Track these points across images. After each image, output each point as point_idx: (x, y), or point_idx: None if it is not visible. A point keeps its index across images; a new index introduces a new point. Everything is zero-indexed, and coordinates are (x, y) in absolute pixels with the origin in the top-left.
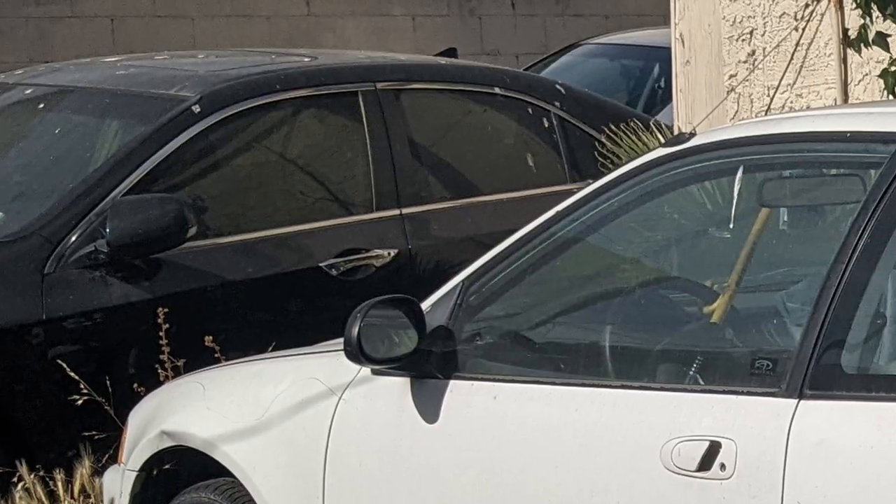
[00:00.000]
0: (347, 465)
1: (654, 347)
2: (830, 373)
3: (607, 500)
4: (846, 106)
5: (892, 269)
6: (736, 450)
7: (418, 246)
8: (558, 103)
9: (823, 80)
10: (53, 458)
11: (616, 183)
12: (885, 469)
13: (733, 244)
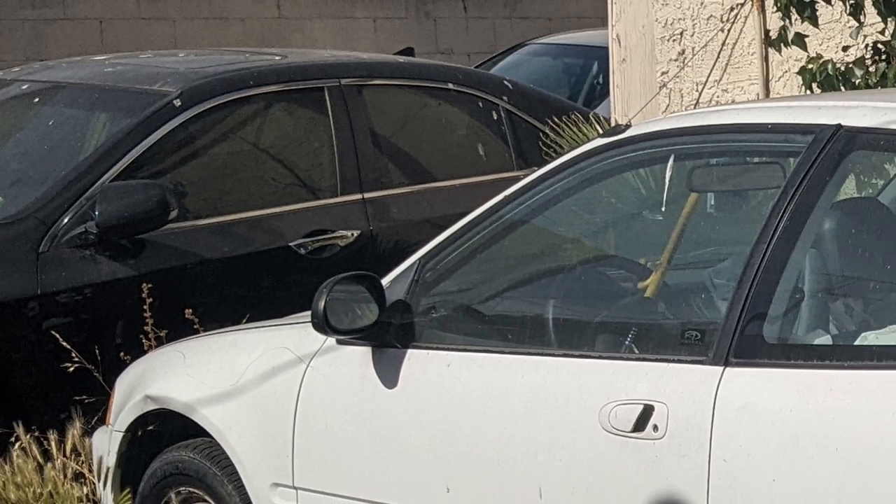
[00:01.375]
0: (314, 426)
1: (593, 319)
2: (753, 343)
3: (551, 458)
4: (768, 100)
5: (809, 249)
6: (668, 412)
7: (379, 227)
8: (506, 98)
9: (747, 77)
10: (47, 420)
11: (558, 170)
12: (802, 430)
13: (665, 226)
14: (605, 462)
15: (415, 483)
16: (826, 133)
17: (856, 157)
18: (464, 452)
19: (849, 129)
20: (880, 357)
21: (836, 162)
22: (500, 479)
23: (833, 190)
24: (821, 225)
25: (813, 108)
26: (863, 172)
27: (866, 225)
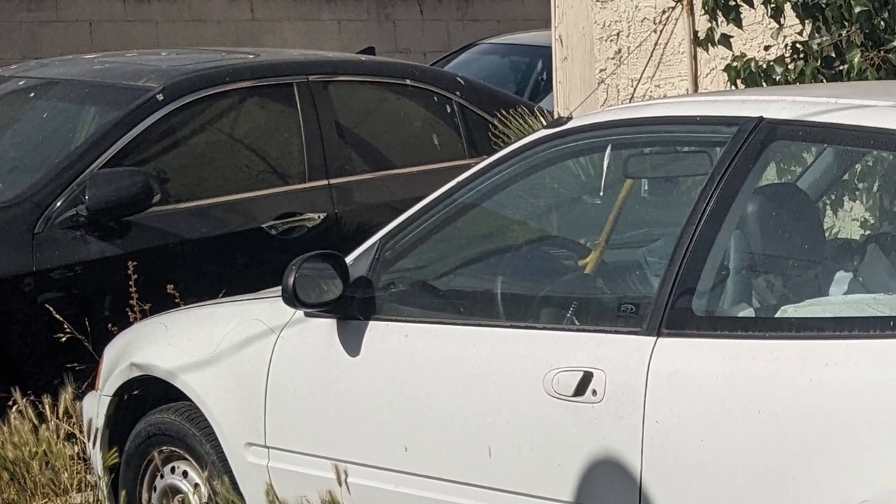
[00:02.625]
0: (284, 390)
1: (537, 294)
2: (683, 315)
3: (499, 420)
4: (696, 95)
5: (733, 230)
6: (605, 378)
7: (343, 210)
8: (458, 92)
9: (678, 74)
10: (42, 385)
11: (506, 158)
12: (727, 394)
13: (603, 209)
14: (548, 424)
15: (375, 443)
16: (749, 125)
17: (776, 147)
18: (420, 415)
19: (770, 121)
20: (798, 328)
21: (758, 151)
22: (453, 439)
23: (755, 176)
24: (744, 208)
25: (737, 102)
26: (782, 160)
27: (786, 208)
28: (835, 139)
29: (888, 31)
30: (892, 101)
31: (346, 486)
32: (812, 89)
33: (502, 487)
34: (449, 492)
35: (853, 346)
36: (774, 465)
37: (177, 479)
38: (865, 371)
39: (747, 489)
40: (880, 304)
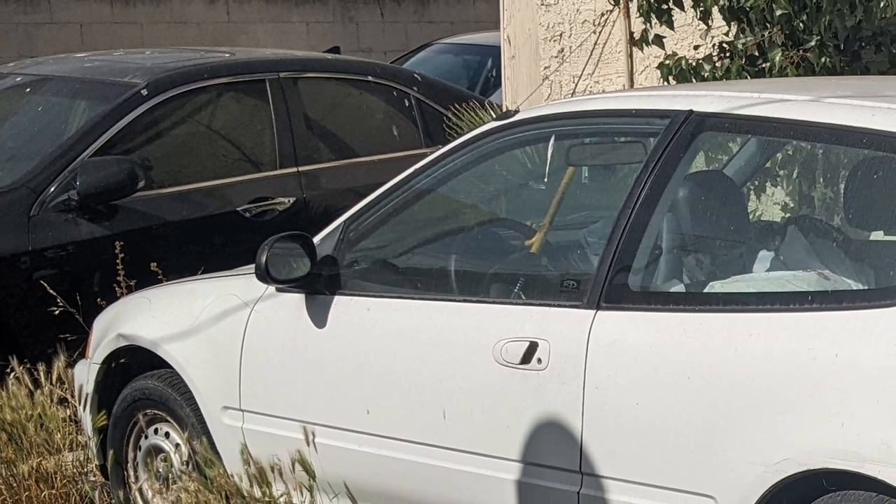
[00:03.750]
0: (257, 359)
1: (487, 271)
2: (620, 290)
3: (453, 386)
4: (632, 90)
5: (666, 213)
6: (549, 348)
7: (311, 195)
8: (416, 88)
9: (615, 71)
10: (37, 354)
11: (459, 148)
12: (660, 362)
13: (547, 194)
14: (497, 389)
15: (340, 407)
16: (680, 117)
17: (705, 137)
18: (381, 381)
19: (699, 114)
20: (725, 302)
21: (688, 141)
22: (411, 404)
23: (686, 164)
24: (675, 193)
25: (669, 97)
26: (710, 150)
27: (713, 193)
28: (758, 130)
29: (806, 32)
30: (810, 96)
31: (314, 445)
32: (737, 85)
33: (456, 447)
34: (407, 451)
35: (775, 318)
36: (703, 427)
37: (160, 439)
38: (786, 341)
39: (678, 449)
40: (799, 281)
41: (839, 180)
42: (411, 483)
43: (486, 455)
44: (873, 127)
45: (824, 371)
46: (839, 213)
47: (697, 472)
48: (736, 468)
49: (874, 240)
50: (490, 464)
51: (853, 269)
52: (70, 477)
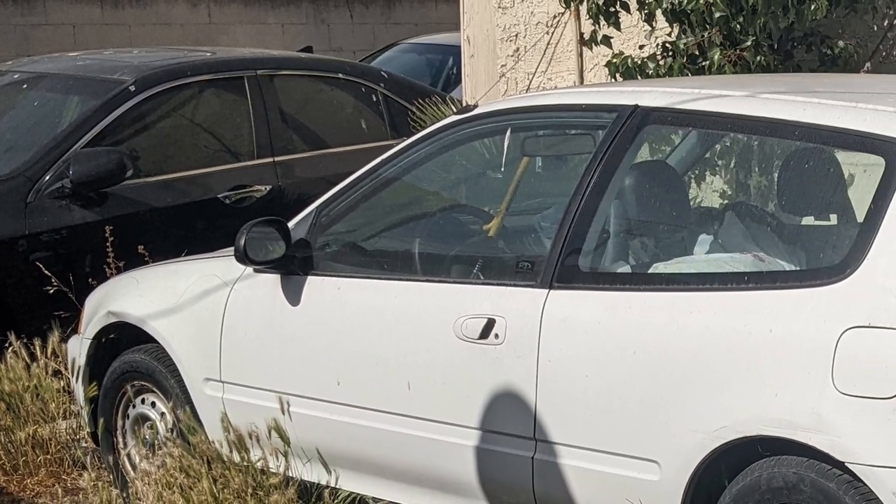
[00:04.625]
0: (236, 335)
1: (448, 253)
2: (571, 271)
3: (417, 359)
4: (582, 86)
5: (613, 200)
6: (506, 324)
7: (286, 183)
8: (382, 84)
9: (566, 69)
10: (33, 330)
11: (423, 139)
12: (608, 337)
13: (504, 182)
14: (458, 362)
15: (313, 378)
16: (626, 111)
17: (649, 130)
18: (351, 355)
19: (644, 108)
20: (667, 282)
21: (633, 133)
22: (378, 375)
23: (632, 154)
24: (622, 181)
25: (616, 93)
26: (654, 141)
27: (657, 181)
28: (698, 123)
29: (743, 32)
30: (746, 92)
31: (289, 414)
32: (679, 82)
33: (420, 416)
34: (375, 419)
35: (713, 297)
36: (647, 397)
37: (146, 408)
38: (724, 318)
39: (625, 417)
40: (736, 262)
41: (773, 170)
42: (379, 449)
43: (447, 423)
44: (804, 120)
45: (759, 346)
46: (773, 200)
47: (642, 438)
48: (678, 435)
49: (805, 224)
50: (451, 431)
51: (786, 251)
52: (63, 443)
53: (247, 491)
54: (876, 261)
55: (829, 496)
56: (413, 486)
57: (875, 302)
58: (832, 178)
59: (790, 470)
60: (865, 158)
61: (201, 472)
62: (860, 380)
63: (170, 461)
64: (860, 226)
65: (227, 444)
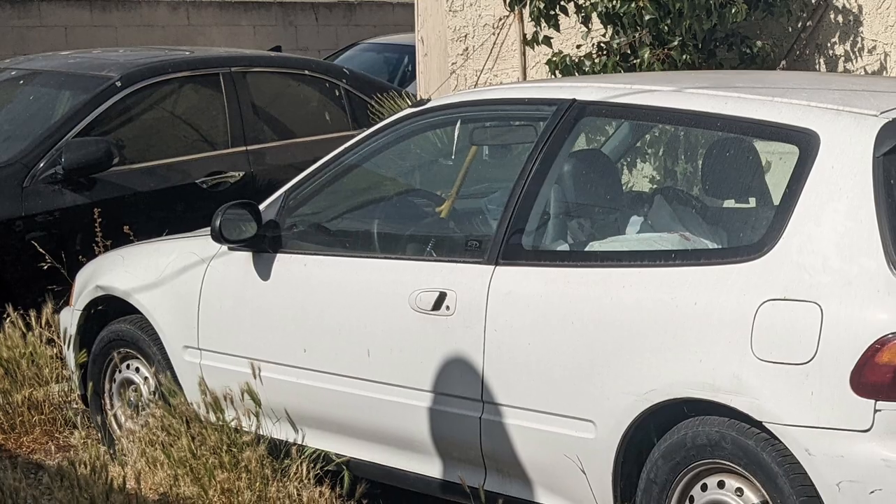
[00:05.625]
0: (212, 307)
1: (404, 233)
2: (515, 249)
3: (375, 329)
4: (525, 82)
5: (553, 184)
6: (456, 297)
7: (257, 170)
8: (345, 80)
9: (511, 66)
10: (29, 302)
11: (381, 130)
12: (548, 309)
13: (454, 168)
14: (412, 331)
15: (281, 346)
16: (565, 105)
17: (585, 122)
18: (315, 325)
19: (580, 102)
20: (602, 259)
21: (571, 124)
22: (341, 344)
23: (570, 144)
24: (561, 168)
25: (556, 88)
26: (590, 132)
27: (592, 168)
28: (630, 115)
29: (670, 33)
30: (674, 87)
31: (260, 378)
32: (613, 78)
33: (378, 380)
34: (338, 383)
35: (643, 272)
36: (584, 363)
37: (131, 373)
38: (653, 292)
39: (563, 381)
40: (664, 241)
41: (698, 157)
42: (341, 409)
43: (403, 386)
44: (726, 113)
45: (685, 317)
46: (698, 185)
47: (579, 400)
48: (611, 397)
49: (727, 207)
50: (407, 394)
51: (709, 231)
52: (56, 405)
53: (222, 448)
54: (790, 240)
55: (748, 452)
56: (372, 443)
57: (790, 277)
58: (751, 165)
59: (713, 429)
60: (781, 147)
61: (181, 430)
62: (776, 347)
63: (152, 421)
64: (776, 208)
65: (204, 406)
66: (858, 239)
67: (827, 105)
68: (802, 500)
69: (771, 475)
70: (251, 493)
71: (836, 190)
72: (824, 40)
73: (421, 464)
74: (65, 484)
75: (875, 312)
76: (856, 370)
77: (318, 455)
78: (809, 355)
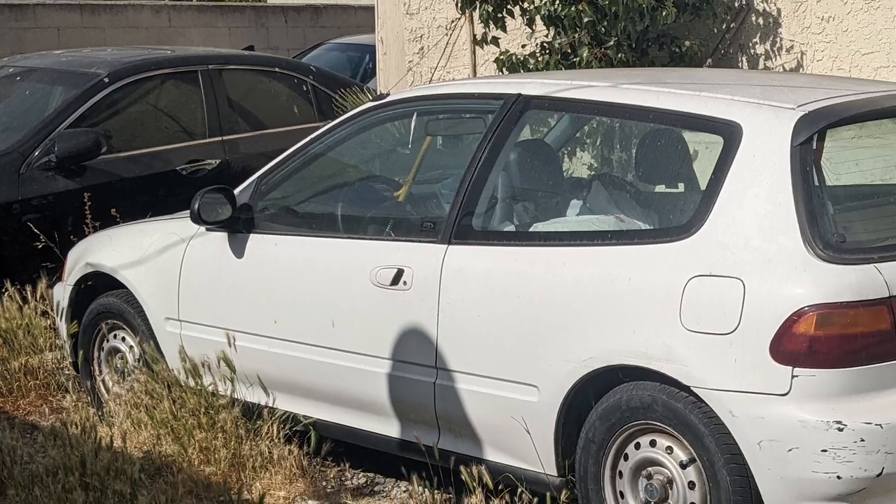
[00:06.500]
0: (191, 282)
1: (366, 215)
2: (466, 230)
3: (339, 302)
4: (475, 79)
5: (500, 171)
6: (413, 273)
7: (232, 158)
8: (311, 77)
9: (462, 64)
10: (25, 278)
11: (345, 122)
12: (496, 285)
13: (411, 157)
14: (373, 304)
15: (254, 318)
16: (511, 99)
17: (530, 114)
18: (285, 299)
19: (525, 96)
20: (545, 239)
21: (517, 117)
22: (308, 315)
23: (516, 134)
24: (508, 156)
25: (503, 83)
26: (534, 123)
27: (536, 156)
28: (570, 108)
29: (607, 34)
30: (610, 83)
31: (234, 347)
32: (555, 75)
33: (342, 348)
34: (305, 351)
35: (582, 251)
36: (528, 333)
37: (118, 342)
38: (591, 269)
39: (510, 350)
40: (601, 223)
41: (632, 147)
42: (308, 375)
43: (364, 354)
44: (657, 106)
45: (620, 292)
46: (632, 172)
47: (524, 367)
48: (554, 364)
49: (658, 192)
50: (368, 361)
51: (643, 214)
52: (50, 371)
53: (200, 410)
54: (716, 221)
55: (677, 414)
56: (336, 405)
57: (715, 255)
58: (680, 154)
59: (646, 393)
60: (707, 137)
61: (163, 394)
62: (703, 319)
63: (137, 386)
64: (703, 193)
65: (184, 372)
66: (777, 221)
67: (749, 99)
68: (727, 457)
69: (698, 435)
70: (227, 450)
71: (757, 176)
72: (746, 40)
73: (381, 424)
74: (57, 442)
75: (792, 287)
76: (775, 340)
77: (288, 417)
78: (733, 326)
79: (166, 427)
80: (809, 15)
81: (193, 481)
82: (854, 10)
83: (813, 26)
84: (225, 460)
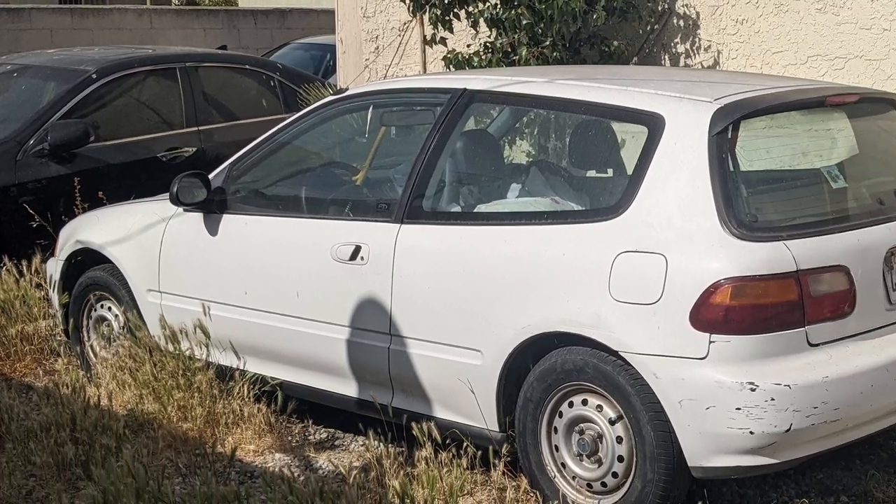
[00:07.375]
0: (170, 258)
1: (327, 197)
2: (417, 211)
3: (303, 275)
4: (425, 75)
5: (448, 158)
6: (369, 250)
7: (208, 146)
8: (278, 73)
9: (414, 62)
10: (21, 254)
11: (308, 114)
12: (444, 260)
13: (367, 145)
14: (334, 278)
15: (226, 289)
16: (458, 93)
17: (475, 107)
18: (254, 273)
19: (470, 90)
20: (487, 219)
21: (463, 109)
22: (275, 287)
23: (462, 125)
24: (455, 145)
25: (450, 79)
26: (478, 115)
27: (480, 145)
28: (510, 102)
29: (543, 35)
30: (546, 79)
31: (209, 315)
32: (497, 72)
33: (306, 317)
34: (273, 319)
35: (521, 230)
36: (473, 303)
37: (105, 311)
38: (529, 245)
39: (456, 318)
40: (538, 204)
41: (566, 136)
42: (276, 341)
43: (326, 322)
44: (589, 99)
45: (555, 266)
46: (566, 158)
47: (470, 333)
48: (496, 331)
49: (589, 176)
50: (329, 328)
51: (575, 196)
52: (44, 337)
53: (178, 372)
54: (641, 203)
55: (606, 376)
56: (300, 368)
57: (641, 233)
58: (609, 142)
59: (578, 357)
60: (633, 128)
61: (145, 358)
62: (629, 290)
63: (122, 351)
64: (629, 177)
65: (164, 338)
66: (696, 202)
67: (671, 93)
68: (651, 414)
69: (625, 394)
70: (202, 409)
71: (679, 162)
72: (669, 41)
73: (340, 385)
74: (50, 401)
75: (710, 262)
76: (694, 309)
77: (257, 378)
78: (657, 297)
79: (148, 388)
80: (725, 17)
81: (172, 436)
82: (765, 14)
83: (728, 28)
84: (201, 417)
